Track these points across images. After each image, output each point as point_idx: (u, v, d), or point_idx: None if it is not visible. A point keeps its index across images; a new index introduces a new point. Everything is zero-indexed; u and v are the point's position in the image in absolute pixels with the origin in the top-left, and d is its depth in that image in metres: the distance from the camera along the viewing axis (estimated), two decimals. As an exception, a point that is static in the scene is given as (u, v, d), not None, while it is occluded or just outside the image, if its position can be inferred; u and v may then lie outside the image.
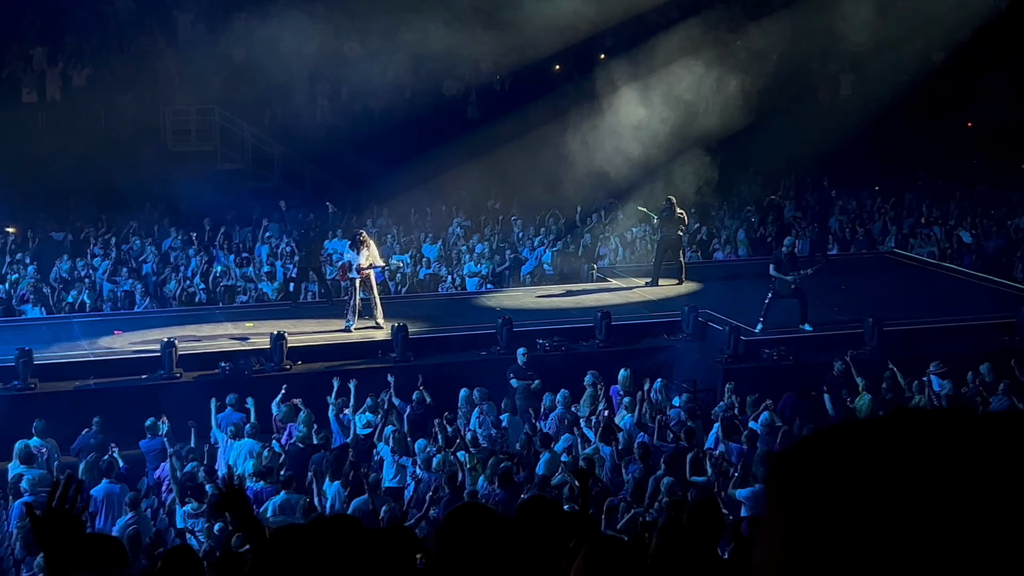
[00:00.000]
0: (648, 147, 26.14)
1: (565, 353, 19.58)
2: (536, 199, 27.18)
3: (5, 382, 17.54)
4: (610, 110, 27.65)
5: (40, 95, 28.56)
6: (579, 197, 27.17)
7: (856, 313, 20.78)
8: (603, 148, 26.72)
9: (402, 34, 30.46)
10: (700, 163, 26.49)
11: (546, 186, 27.11)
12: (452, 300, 23.22)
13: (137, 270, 23.73)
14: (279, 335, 18.75)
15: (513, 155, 27.95)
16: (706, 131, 26.82)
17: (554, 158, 27.42)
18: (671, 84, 26.90)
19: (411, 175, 27.01)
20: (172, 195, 27.04)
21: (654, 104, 26.78)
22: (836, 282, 22.81)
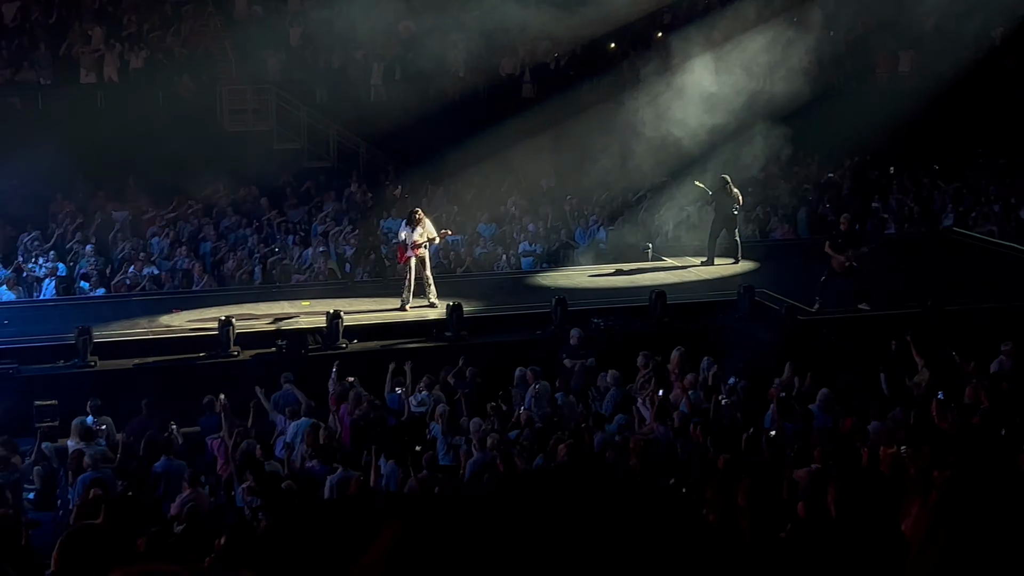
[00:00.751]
0: (707, 125, 26.00)
1: (619, 332, 19.52)
2: (591, 178, 27.09)
3: (66, 360, 17.75)
4: (667, 88, 27.52)
5: (99, 76, 28.80)
6: (634, 175, 27.04)
7: (915, 292, 20.57)
8: (659, 126, 26.59)
9: (457, 13, 30.48)
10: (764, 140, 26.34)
11: (601, 165, 27.02)
12: (507, 279, 23.22)
13: (195, 249, 23.92)
14: (335, 314, 18.84)
15: (568, 134, 27.89)
16: (766, 109, 26.65)
17: (609, 136, 27.34)
18: (729, 62, 26.74)
19: (466, 154, 27.00)
20: (229, 175, 27.19)
21: (712, 81, 26.62)
22: (894, 261, 22.60)
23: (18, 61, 28.39)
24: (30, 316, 20.08)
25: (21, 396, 16.80)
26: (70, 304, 20.99)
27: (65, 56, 28.98)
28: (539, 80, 31.06)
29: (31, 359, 17.79)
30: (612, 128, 27.52)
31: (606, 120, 27.94)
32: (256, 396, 16.29)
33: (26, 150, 24.83)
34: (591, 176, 27.06)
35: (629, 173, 26.76)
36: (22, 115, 26.79)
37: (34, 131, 25.32)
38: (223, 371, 17.86)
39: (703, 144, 26.17)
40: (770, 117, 26.70)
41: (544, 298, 20.44)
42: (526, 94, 30.77)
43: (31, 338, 18.48)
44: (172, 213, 25.37)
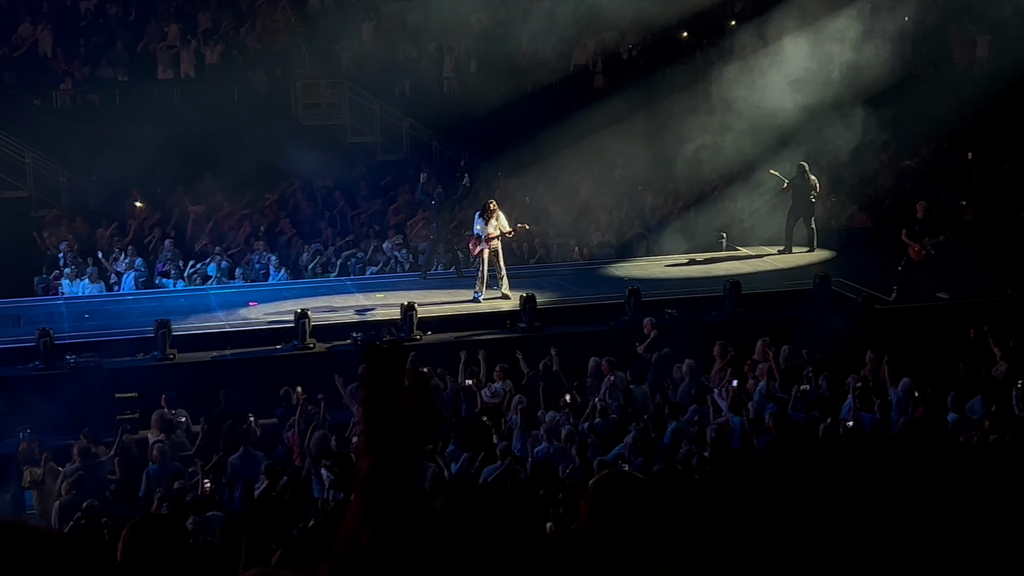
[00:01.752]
0: (781, 114, 25.80)
1: (694, 323, 19.43)
2: (665, 168, 26.95)
3: (145, 352, 18.00)
4: (740, 77, 27.33)
5: (175, 72, 29.15)
6: (708, 165, 26.88)
7: (994, 281, 20.26)
8: (733, 115, 26.41)
9: (528, 4, 30.46)
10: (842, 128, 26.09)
11: (674, 155, 26.87)
12: (580, 270, 23.18)
13: (271, 242, 24.13)
14: (409, 306, 18.93)
15: (641, 124, 27.75)
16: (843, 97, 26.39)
17: (681, 126, 27.18)
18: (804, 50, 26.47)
19: (538, 146, 26.99)
20: (304, 168, 27.41)
21: (786, 70, 26.39)
22: (973, 249, 22.26)
23: (96, 59, 28.81)
24: (111, 310, 20.38)
25: (102, 389, 17.07)
26: (149, 298, 21.28)
27: (142, 53, 29.35)
28: (611, 71, 30.96)
29: (111, 352, 18.05)
30: (685, 118, 27.36)
31: (679, 110, 27.79)
32: (331, 388, 16.39)
33: (104, 146, 25.20)
34: (665, 166, 26.91)
35: (702, 163, 26.60)
36: (100, 112, 27.16)
37: (112, 128, 25.68)
38: (299, 363, 18.02)
39: (777, 133, 25.98)
40: (847, 105, 26.42)
41: (618, 288, 20.39)
42: (598, 85, 30.68)
43: (111, 331, 18.76)
44: (248, 208, 25.61)
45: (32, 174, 26.07)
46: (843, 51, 26.92)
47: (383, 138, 29.32)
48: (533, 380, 17.14)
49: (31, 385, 17.16)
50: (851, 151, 26.74)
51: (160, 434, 14.97)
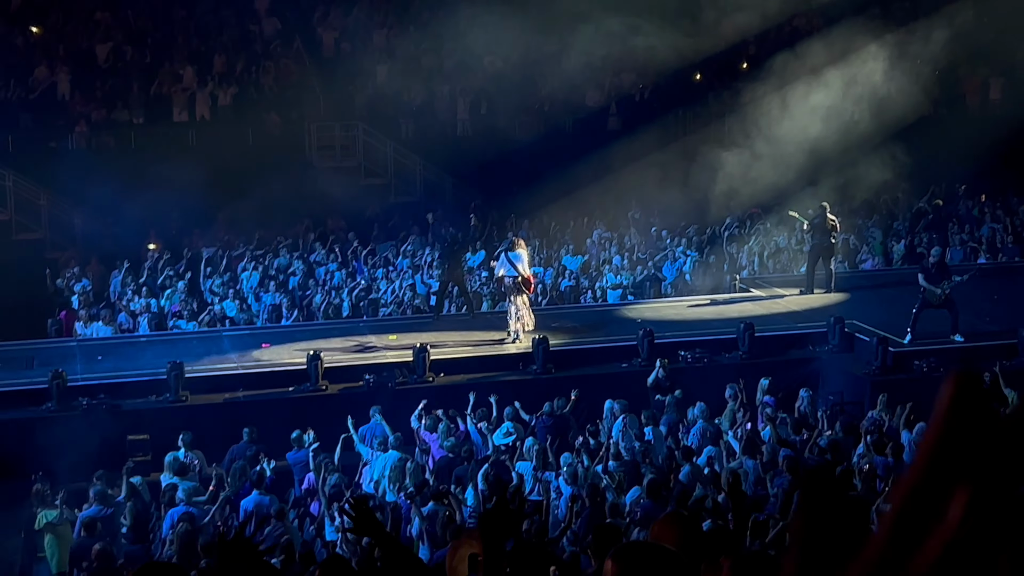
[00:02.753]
0: (793, 157, 25.83)
1: (708, 365, 19.38)
2: (677, 210, 26.97)
3: (158, 395, 18.00)
4: (753, 119, 27.39)
5: (190, 114, 29.33)
6: (721, 207, 26.91)
7: (1009, 323, 20.19)
8: (747, 158, 26.45)
9: (542, 46, 30.61)
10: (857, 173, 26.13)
11: (687, 196, 26.90)
12: (593, 312, 23.16)
13: (284, 284, 24.18)
14: (422, 348, 18.92)
15: (654, 166, 27.81)
16: (856, 140, 26.42)
17: (695, 168, 27.25)
18: (819, 93, 26.54)
19: (552, 187, 27.04)
20: (317, 210, 27.52)
21: (800, 113, 26.45)
22: (988, 291, 22.21)
23: (112, 101, 29.00)
24: (123, 352, 20.40)
25: (115, 431, 17.06)
26: (162, 340, 21.31)
27: (157, 95, 29.54)
28: (624, 112, 31.06)
29: (124, 394, 18.05)
30: (698, 159, 27.42)
31: (691, 151, 27.86)
32: (344, 430, 16.36)
33: (119, 189, 25.31)
34: (678, 208, 26.94)
35: (716, 204, 26.62)
36: (115, 154, 27.31)
37: (127, 170, 25.81)
38: (312, 405, 18.01)
39: (793, 175, 26.01)
40: (863, 148, 26.46)
41: (631, 331, 20.35)
42: (612, 126, 30.78)
43: (124, 373, 18.76)
44: (261, 249, 25.67)
45: (47, 216, 26.21)
46: (858, 93, 26.98)
47: (396, 179, 29.44)
48: (546, 423, 17.09)
49: (44, 427, 17.16)
50: (870, 191, 26.77)
51: (173, 476, 14.94)
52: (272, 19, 32.04)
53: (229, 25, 31.57)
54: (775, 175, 26.33)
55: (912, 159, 27.57)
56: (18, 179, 26.13)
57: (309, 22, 32.55)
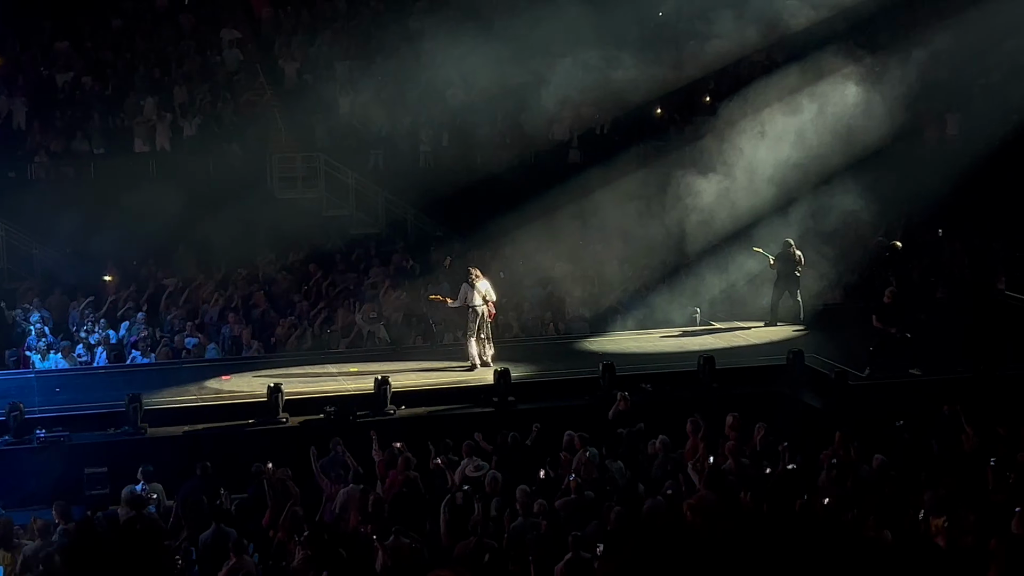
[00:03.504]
0: (753, 190, 26.00)
1: (668, 398, 19.43)
2: (639, 243, 27.07)
3: (116, 427, 17.85)
4: (715, 153, 27.55)
5: (151, 145, 29.22)
6: (682, 241, 27.01)
7: (966, 357, 20.37)
8: (707, 191, 26.59)
9: (504, 79, 30.73)
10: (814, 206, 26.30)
11: (649, 230, 26.99)
12: (555, 344, 23.18)
13: (245, 315, 24.06)
14: (383, 380, 18.88)
15: (616, 199, 27.92)
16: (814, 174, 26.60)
17: (657, 202, 27.36)
18: (776, 128, 26.72)
19: (513, 220, 27.08)
20: (279, 241, 27.45)
21: (758, 147, 26.62)
22: (946, 325, 22.41)
23: (71, 131, 28.87)
24: (82, 384, 20.24)
25: (72, 464, 16.91)
26: (121, 372, 21.15)
27: (117, 126, 29.43)
28: (586, 146, 31.19)
29: (82, 427, 17.90)
30: (659, 193, 27.56)
31: (653, 184, 27.98)
32: (305, 463, 16.26)
33: (79, 219, 25.20)
34: (639, 241, 27.04)
35: (676, 238, 26.73)
36: (75, 184, 27.16)
37: (87, 200, 25.68)
38: (272, 438, 17.92)
39: (750, 209, 26.17)
40: (818, 182, 26.64)
41: (592, 363, 20.39)
42: (572, 159, 30.90)
43: (82, 406, 18.62)
44: (222, 280, 25.54)
45: (5, 246, 26.02)
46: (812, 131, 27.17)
47: (359, 211, 29.40)
48: (506, 455, 17.04)
49: (0, 459, 17.00)
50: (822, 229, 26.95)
51: (131, 510, 14.78)
52: (234, 50, 32.01)
53: (191, 56, 31.52)
54: (732, 210, 26.50)
55: (871, 194, 27.79)
56: (-24, 209, 25.97)
57: (271, 53, 32.55)
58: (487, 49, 30.50)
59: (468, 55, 30.36)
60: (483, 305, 20.34)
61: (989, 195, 29.76)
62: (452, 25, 31.78)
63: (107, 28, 31.90)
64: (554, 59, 29.79)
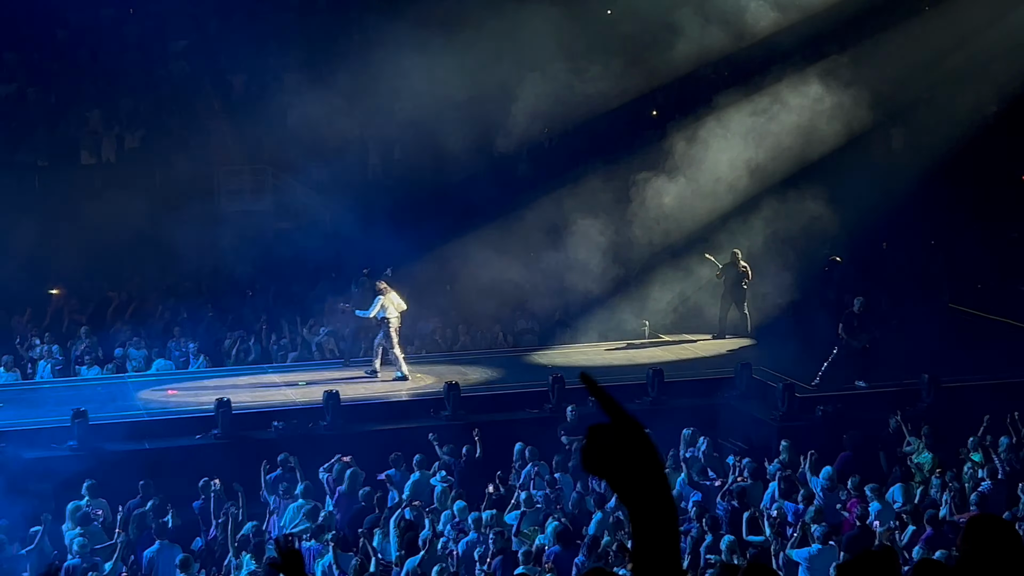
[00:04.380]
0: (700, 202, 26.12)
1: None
2: (586, 255, 27.10)
3: (59, 443, 17.64)
4: (662, 165, 27.65)
5: (96, 157, 28.96)
6: (630, 252, 27.09)
7: (912, 369, 20.55)
8: (654, 204, 26.68)
9: (453, 92, 30.71)
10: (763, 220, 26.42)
11: (596, 242, 27.04)
12: (503, 357, 23.17)
13: (192, 328, 23.87)
14: (332, 394, 18.79)
15: (563, 210, 27.97)
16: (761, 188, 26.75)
17: (604, 213, 27.43)
18: (722, 142, 26.86)
19: (462, 232, 27.04)
20: (226, 254, 27.27)
21: (704, 160, 26.74)
22: (891, 337, 22.59)
23: (14, 142, 28.54)
24: (26, 398, 20.00)
25: (17, 480, 16.68)
26: (66, 386, 20.91)
27: (62, 137, 29.14)
28: (534, 159, 31.21)
29: (27, 442, 17.67)
30: (607, 205, 27.62)
31: (600, 197, 28.04)
32: (251, 478, 16.16)
33: (22, 232, 24.89)
34: (586, 253, 27.07)
35: (625, 250, 26.80)
36: (19, 197, 26.83)
37: (30, 212, 25.37)
38: (219, 452, 17.78)
39: (699, 222, 26.28)
40: (766, 196, 26.80)
41: (541, 376, 20.40)
42: (521, 173, 30.91)
43: (26, 421, 18.39)
44: (168, 293, 25.34)
45: (-53, 259, 25.62)
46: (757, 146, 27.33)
47: (307, 224, 29.24)
48: (457, 468, 17.02)
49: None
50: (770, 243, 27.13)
51: (76, 527, 14.63)
52: (180, 62, 31.79)
53: (136, 67, 31.26)
54: (680, 223, 26.59)
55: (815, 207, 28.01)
56: (-83, 220, 25.58)
57: (218, 64, 32.34)
58: (439, 60, 30.47)
59: (416, 67, 30.32)
60: (395, 316, 20.45)
61: (934, 208, 30.05)
62: (403, 37, 31.73)
63: (52, 39, 31.59)
64: (505, 70, 29.84)
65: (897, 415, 17.80)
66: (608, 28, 30.53)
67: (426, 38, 30.13)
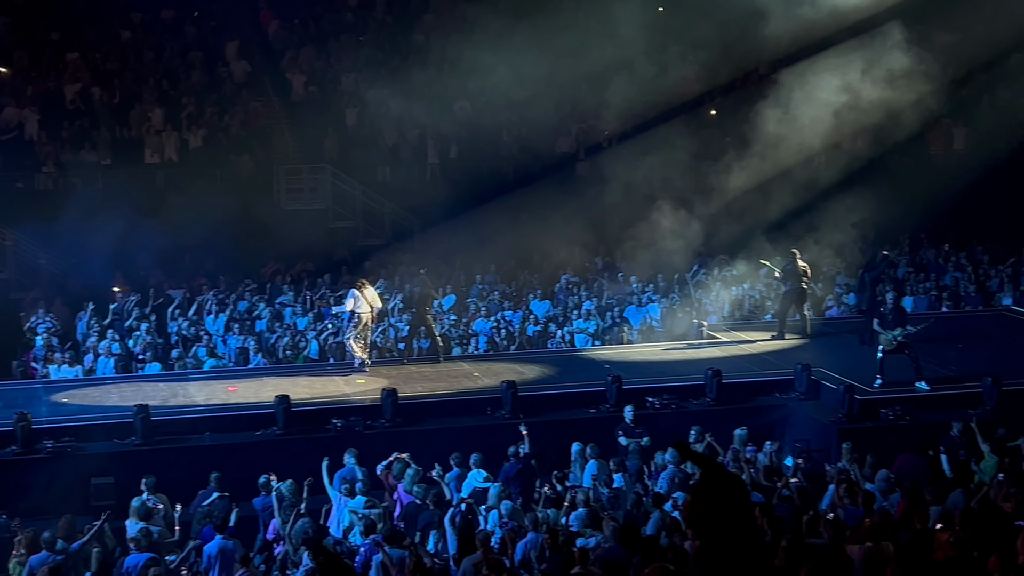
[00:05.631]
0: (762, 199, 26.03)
1: (675, 411, 19.41)
2: (646, 255, 27.08)
3: (122, 438, 17.84)
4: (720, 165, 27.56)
5: (159, 155, 29.28)
6: (688, 253, 27.03)
7: (973, 372, 20.34)
8: (711, 204, 26.62)
9: (511, 92, 30.76)
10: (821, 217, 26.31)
11: (656, 241, 27.01)
12: (560, 357, 23.17)
13: (251, 326, 24.07)
14: (390, 391, 18.87)
15: (622, 210, 27.94)
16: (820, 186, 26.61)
17: (662, 213, 27.37)
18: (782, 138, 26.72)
19: (520, 232, 27.09)
20: (285, 253, 27.50)
21: (765, 158, 26.61)
22: (952, 340, 22.39)
23: (79, 142, 28.91)
24: (89, 394, 20.23)
25: (79, 474, 16.91)
26: (127, 382, 21.14)
27: (125, 136, 29.49)
28: (593, 158, 31.19)
29: (89, 437, 17.88)
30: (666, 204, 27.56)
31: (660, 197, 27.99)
32: (309, 474, 16.24)
33: (86, 229, 25.22)
34: (646, 253, 27.05)
35: (683, 250, 26.72)
36: (82, 195, 27.16)
37: (94, 210, 25.67)
38: (278, 449, 17.90)
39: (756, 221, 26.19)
40: (824, 194, 26.66)
41: (599, 376, 20.37)
42: (580, 172, 30.90)
43: (90, 416, 18.60)
44: (227, 291, 25.57)
45: (13, 256, 26.03)
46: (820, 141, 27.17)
47: (365, 223, 29.41)
48: (514, 468, 17.04)
49: (8, 470, 17.03)
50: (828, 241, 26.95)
51: (139, 521, 14.79)
52: (241, 62, 32.09)
53: (198, 68, 31.59)
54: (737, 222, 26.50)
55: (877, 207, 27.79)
56: (-16, 219, 26.01)
57: (278, 65, 32.61)
58: (493, 62, 30.50)
59: (474, 67, 30.36)
60: (368, 312, 20.78)
61: (996, 209, 29.74)
62: (459, 37, 31.83)
63: (116, 40, 31.99)
64: (559, 72, 29.79)
65: (971, 420, 17.57)
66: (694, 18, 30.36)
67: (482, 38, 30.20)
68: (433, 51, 32.82)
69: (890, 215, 28.42)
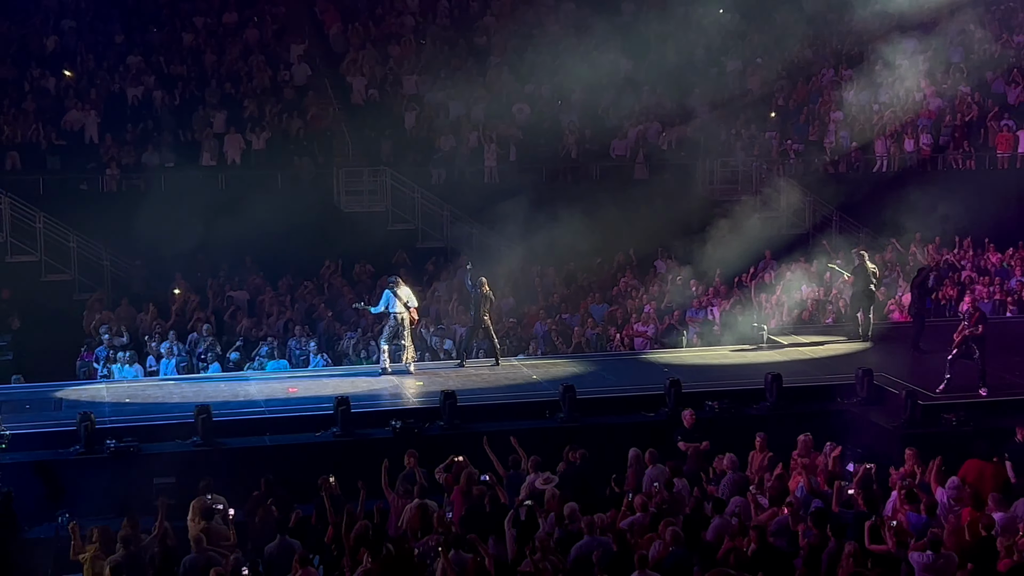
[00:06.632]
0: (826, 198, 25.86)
1: (734, 415, 19.28)
2: (705, 259, 26.96)
3: (185, 438, 17.98)
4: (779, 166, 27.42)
5: (220, 158, 29.51)
6: (748, 255, 26.88)
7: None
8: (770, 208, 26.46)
9: (570, 97, 30.73)
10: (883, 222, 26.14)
11: (715, 244, 26.89)
12: (619, 360, 23.09)
13: (311, 327, 24.19)
14: (449, 394, 18.89)
15: (681, 214, 27.85)
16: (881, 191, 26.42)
17: (723, 217, 27.26)
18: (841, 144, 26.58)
19: (577, 235, 27.02)
20: (345, 254, 27.64)
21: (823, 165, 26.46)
22: (1018, 345, 22.08)
23: (142, 144, 29.21)
24: (151, 394, 20.42)
25: (142, 474, 17.06)
26: (189, 382, 21.32)
27: (187, 139, 29.76)
28: (651, 161, 31.08)
29: (151, 437, 18.04)
30: (725, 209, 27.44)
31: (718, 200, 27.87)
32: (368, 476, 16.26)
33: (148, 231, 25.47)
34: (705, 257, 26.93)
35: (744, 253, 26.58)
36: (145, 197, 27.44)
37: (156, 212, 25.92)
38: (338, 450, 17.97)
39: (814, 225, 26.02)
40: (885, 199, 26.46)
41: (657, 379, 20.28)
42: (639, 175, 30.80)
43: (152, 416, 18.77)
44: (288, 293, 25.73)
45: (76, 258, 26.32)
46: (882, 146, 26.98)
47: (424, 225, 29.49)
48: (571, 472, 16.97)
49: (71, 469, 17.20)
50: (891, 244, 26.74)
51: (199, 521, 14.88)
52: (302, 65, 32.31)
53: (260, 71, 31.82)
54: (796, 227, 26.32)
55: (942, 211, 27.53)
56: (48, 220, 26.29)
57: (338, 69, 32.79)
58: (552, 66, 30.54)
59: (533, 71, 30.39)
60: (404, 312, 20.65)
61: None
62: (518, 41, 31.90)
63: (178, 43, 32.30)
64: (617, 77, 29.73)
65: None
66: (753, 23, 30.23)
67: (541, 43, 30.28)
68: (493, 53, 32.89)
69: (954, 218, 28.13)
